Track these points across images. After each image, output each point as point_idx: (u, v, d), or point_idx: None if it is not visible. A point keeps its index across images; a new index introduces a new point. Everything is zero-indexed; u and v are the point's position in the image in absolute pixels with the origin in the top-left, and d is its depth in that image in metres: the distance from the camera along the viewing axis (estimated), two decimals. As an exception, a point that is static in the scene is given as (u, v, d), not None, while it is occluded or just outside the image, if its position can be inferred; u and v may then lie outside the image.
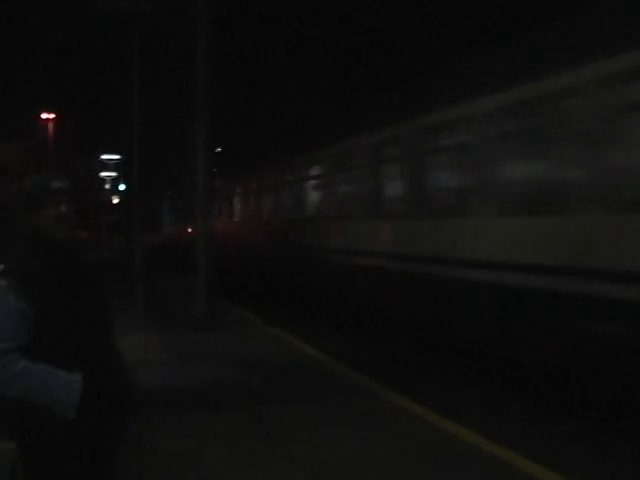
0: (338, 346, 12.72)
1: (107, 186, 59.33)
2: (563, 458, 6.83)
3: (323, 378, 9.87)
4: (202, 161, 14.12)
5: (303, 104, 37.46)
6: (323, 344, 12.50)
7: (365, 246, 12.60)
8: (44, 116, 61.65)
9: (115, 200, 63.85)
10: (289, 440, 7.13)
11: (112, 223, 51.60)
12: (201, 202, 14.13)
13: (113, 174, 55.00)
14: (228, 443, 7.07)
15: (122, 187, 65.85)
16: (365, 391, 9.04)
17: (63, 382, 3.02)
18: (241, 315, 16.23)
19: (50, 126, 64.07)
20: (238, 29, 36.22)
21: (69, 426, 3.03)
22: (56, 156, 63.58)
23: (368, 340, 13.40)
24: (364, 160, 12.74)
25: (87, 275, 3.30)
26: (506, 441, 6.94)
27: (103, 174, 56.97)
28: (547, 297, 8.05)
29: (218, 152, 34.11)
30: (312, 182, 15.87)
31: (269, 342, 12.73)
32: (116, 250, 37.95)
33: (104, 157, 52.98)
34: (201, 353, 11.77)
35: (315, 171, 15.72)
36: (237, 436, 7.29)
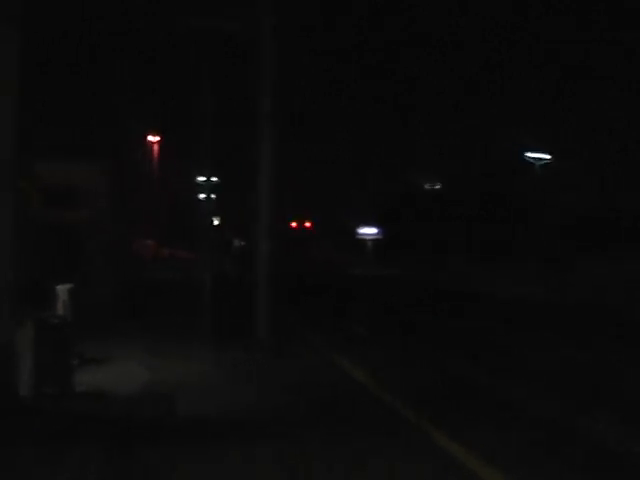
0: (399, 373, 12.08)
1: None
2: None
3: (369, 410, 9.20)
4: (265, 180, 13.75)
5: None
6: (386, 372, 11.90)
7: None
8: (150, 138, 63.63)
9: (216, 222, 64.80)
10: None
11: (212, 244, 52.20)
12: (263, 222, 13.73)
13: (213, 196, 55.64)
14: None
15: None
16: (407, 428, 8.31)
17: None
18: (305, 338, 15.73)
19: (155, 148, 66.02)
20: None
21: None
22: (158, 177, 65.24)
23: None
24: None
25: None
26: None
27: (202, 196, 57.77)
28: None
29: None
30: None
31: (325, 368, 12.17)
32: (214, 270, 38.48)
33: (200, 179, 53.68)
34: (251, 379, 11.32)
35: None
36: (259, 474, 6.71)
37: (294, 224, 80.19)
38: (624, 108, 39.04)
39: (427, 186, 62.07)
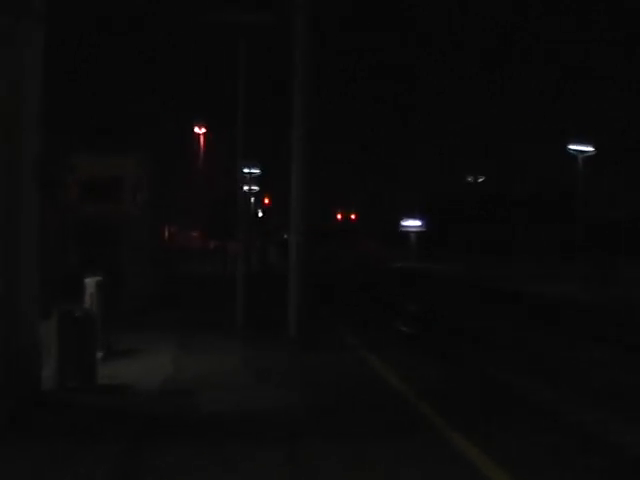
0: (428, 373, 11.81)
1: (252, 199, 60.27)
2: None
3: (392, 411, 8.97)
4: (298, 174, 13.57)
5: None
6: (417, 371, 11.66)
7: None
8: (196, 130, 63.98)
9: (260, 214, 64.90)
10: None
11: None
12: (295, 216, 13.55)
13: (255, 188, 55.64)
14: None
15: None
16: (428, 430, 8.06)
17: None
18: (338, 335, 15.49)
19: (202, 140, 66.26)
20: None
21: None
22: (203, 169, 65.41)
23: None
24: None
25: None
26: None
27: (246, 188, 57.76)
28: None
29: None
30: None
31: (353, 367, 11.92)
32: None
33: (245, 171, 53.69)
34: (277, 375, 11.16)
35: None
36: (264, 475, 6.55)
37: (339, 216, 79.84)
38: (624, 108, 38.56)
39: (470, 179, 61.12)
